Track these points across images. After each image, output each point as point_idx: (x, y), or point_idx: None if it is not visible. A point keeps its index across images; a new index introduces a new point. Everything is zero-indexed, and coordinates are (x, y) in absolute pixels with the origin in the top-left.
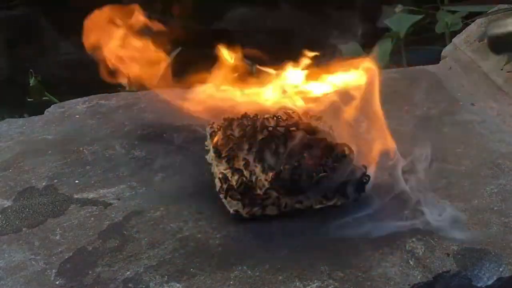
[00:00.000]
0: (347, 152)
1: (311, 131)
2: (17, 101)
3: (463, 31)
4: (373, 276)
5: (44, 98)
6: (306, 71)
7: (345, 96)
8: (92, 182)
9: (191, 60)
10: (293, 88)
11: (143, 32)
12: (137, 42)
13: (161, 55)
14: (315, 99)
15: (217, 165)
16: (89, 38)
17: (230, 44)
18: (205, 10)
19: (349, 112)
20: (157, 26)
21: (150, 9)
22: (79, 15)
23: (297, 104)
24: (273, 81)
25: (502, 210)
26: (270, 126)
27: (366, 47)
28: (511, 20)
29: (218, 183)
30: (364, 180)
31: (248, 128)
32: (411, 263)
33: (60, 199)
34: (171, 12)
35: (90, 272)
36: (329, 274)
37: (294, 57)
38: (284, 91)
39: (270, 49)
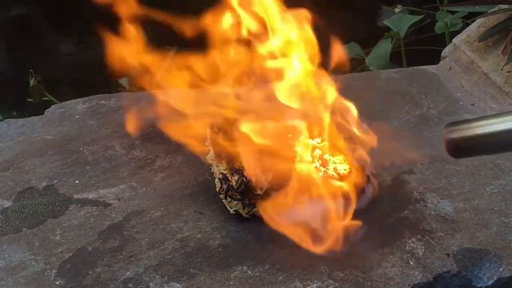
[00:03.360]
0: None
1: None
2: (17, 101)
3: (463, 31)
4: (373, 276)
5: (44, 98)
6: None
7: None
8: (92, 182)
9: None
10: None
11: None
12: None
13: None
14: None
15: (217, 165)
16: None
17: None
18: None
19: None
20: None
21: None
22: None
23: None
24: None
25: (502, 210)
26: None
27: (366, 47)
28: (471, 125)
29: (218, 183)
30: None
31: None
32: (411, 263)
33: (60, 199)
34: None
35: (90, 272)
36: (329, 274)
37: None
38: None
39: None
